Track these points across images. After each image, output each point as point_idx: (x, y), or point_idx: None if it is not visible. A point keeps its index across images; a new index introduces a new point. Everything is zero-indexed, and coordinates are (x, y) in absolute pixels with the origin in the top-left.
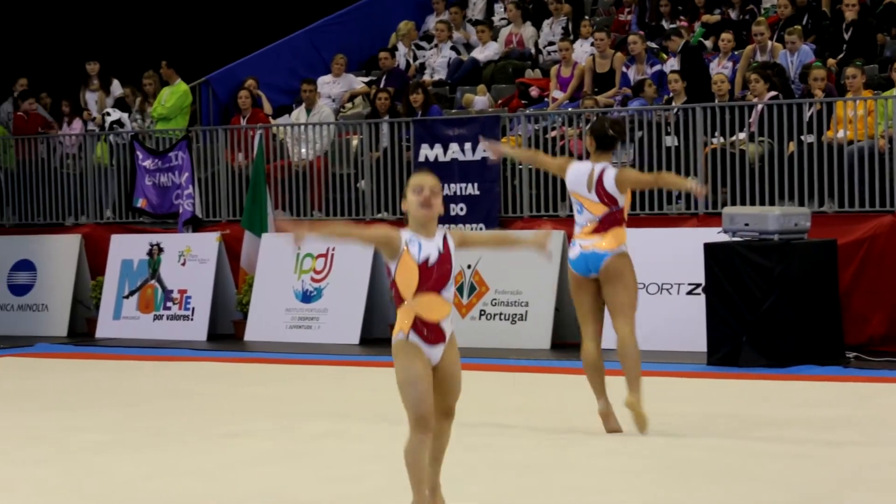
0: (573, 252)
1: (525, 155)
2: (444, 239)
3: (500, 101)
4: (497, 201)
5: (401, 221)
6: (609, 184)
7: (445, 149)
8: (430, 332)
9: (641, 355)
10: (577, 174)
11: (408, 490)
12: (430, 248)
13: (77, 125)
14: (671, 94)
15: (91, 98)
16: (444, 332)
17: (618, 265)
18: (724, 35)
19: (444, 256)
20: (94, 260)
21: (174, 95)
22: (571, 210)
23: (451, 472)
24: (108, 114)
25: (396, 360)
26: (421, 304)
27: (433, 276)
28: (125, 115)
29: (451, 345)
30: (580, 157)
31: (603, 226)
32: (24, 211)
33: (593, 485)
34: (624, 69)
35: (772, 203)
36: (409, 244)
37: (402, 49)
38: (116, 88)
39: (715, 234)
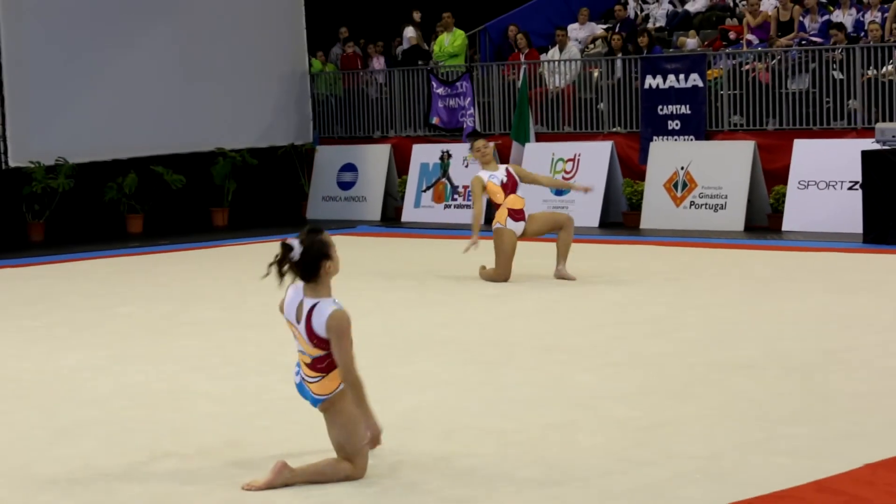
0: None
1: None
2: None
3: (706, 43)
4: (704, 118)
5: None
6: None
7: (665, 79)
8: None
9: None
10: None
11: None
12: None
13: (381, 61)
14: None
15: (406, 34)
16: None
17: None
18: None
19: None
20: (400, 163)
21: (455, 39)
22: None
23: (667, 323)
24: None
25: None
26: None
27: None
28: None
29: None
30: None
31: None
32: (349, 126)
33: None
34: (801, 18)
35: None
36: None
37: (631, 3)
38: (408, 32)
39: (870, 144)
